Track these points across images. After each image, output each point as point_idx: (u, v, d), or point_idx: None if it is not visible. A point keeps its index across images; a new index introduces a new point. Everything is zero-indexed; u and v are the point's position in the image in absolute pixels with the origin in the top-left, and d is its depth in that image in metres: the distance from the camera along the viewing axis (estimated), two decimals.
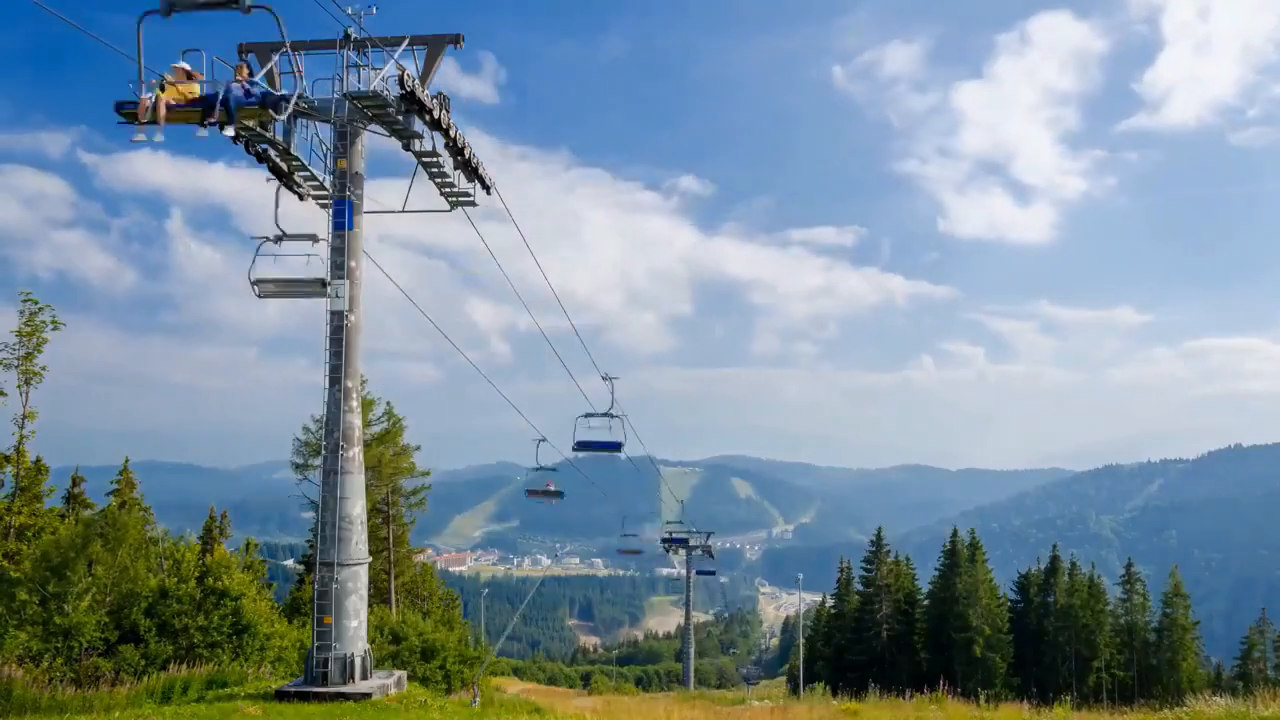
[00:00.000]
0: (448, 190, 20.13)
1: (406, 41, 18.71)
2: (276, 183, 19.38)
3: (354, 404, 18.45)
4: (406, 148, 19.23)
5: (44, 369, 26.34)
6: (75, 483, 36.49)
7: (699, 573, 69.06)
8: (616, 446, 33.41)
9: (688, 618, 67.34)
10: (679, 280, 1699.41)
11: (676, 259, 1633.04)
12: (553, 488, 32.24)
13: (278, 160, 19.20)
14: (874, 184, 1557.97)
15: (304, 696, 16.84)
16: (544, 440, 28.83)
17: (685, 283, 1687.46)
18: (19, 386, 26.10)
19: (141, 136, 15.87)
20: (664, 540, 67.68)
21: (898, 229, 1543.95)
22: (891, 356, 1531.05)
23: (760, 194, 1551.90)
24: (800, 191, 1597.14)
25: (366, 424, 42.22)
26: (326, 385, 18.13)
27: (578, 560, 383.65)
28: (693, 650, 67.04)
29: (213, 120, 16.15)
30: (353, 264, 18.43)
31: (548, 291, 24.10)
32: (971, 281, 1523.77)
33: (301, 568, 59.61)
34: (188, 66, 16.53)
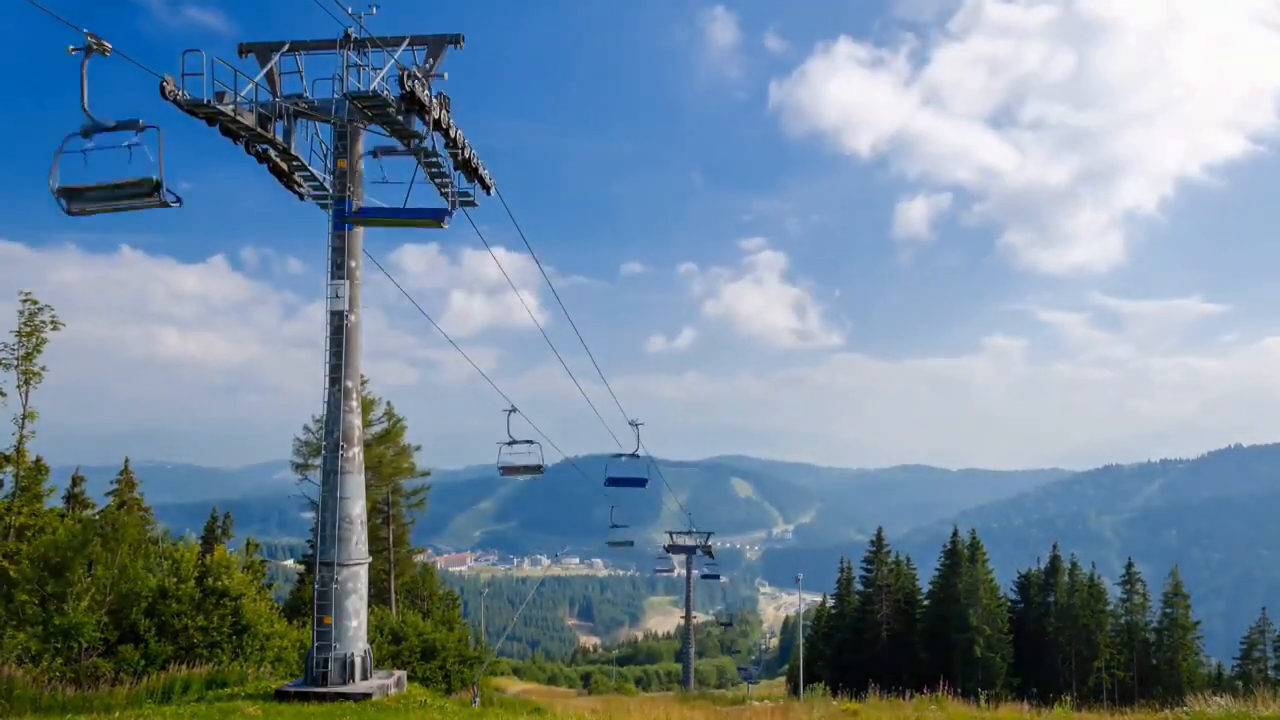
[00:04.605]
0: (448, 190, 20.10)
1: (407, 41, 18.72)
2: (80, 54, 13.79)
3: (354, 404, 18.44)
4: (407, 148, 19.23)
5: (44, 369, 26.33)
6: (75, 483, 36.61)
7: (704, 577, 69.21)
8: (642, 483, 37.62)
9: (688, 618, 67.26)
10: None
11: None
12: (531, 462, 27.02)
13: (278, 160, 19.18)
14: None
15: (304, 696, 16.84)
16: (514, 410, 25.93)
17: None
18: (19, 386, 26.08)
19: None
20: (668, 549, 68.09)
21: None
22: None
23: None
24: None
25: (366, 424, 42.22)
26: (326, 385, 18.12)
27: (578, 560, 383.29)
28: (693, 650, 67.02)
29: None
30: (353, 264, 18.44)
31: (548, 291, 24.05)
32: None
33: (301, 568, 59.65)
34: None
